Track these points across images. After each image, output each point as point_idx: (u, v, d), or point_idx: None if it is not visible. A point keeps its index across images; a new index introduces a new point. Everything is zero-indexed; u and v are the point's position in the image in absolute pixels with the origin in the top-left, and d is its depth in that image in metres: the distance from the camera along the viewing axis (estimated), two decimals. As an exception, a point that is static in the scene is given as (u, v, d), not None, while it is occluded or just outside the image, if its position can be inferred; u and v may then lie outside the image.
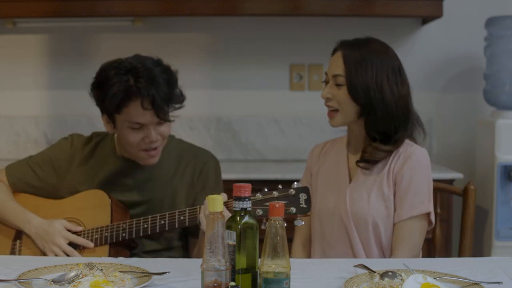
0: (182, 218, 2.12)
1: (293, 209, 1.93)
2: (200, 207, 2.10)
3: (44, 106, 3.90)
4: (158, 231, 2.16)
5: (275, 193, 1.95)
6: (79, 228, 2.22)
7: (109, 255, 2.15)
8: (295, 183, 1.97)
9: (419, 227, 2.11)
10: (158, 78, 2.13)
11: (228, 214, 1.91)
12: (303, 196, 1.94)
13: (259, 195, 1.95)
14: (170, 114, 2.18)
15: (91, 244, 2.18)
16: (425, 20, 3.79)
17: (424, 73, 3.89)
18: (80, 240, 2.18)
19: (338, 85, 2.11)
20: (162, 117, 2.15)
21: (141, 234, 2.17)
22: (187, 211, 2.12)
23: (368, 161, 2.13)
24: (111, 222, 2.20)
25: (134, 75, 2.12)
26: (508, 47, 3.48)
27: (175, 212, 2.14)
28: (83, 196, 2.28)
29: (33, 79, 3.88)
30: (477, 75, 3.81)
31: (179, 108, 2.20)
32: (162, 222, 2.14)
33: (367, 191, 2.13)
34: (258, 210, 1.93)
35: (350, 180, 2.18)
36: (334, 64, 2.14)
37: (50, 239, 2.17)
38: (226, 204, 2.01)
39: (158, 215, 2.16)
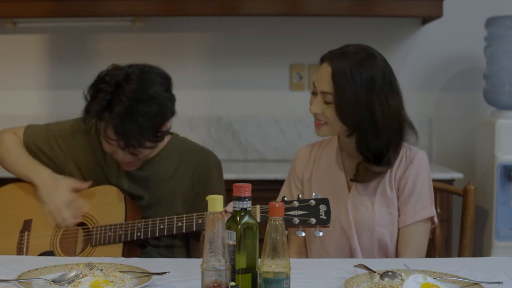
0: (200, 221, 2.09)
1: (313, 220, 1.93)
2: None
3: (44, 106, 3.90)
4: (175, 232, 2.12)
5: (295, 203, 1.95)
6: (86, 185, 2.25)
7: (123, 254, 2.13)
8: (314, 193, 1.97)
9: (423, 230, 2.11)
10: (136, 112, 2.06)
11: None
12: (323, 208, 1.93)
13: None
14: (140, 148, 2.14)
15: (87, 207, 2.22)
16: (425, 20, 3.79)
17: (424, 73, 3.89)
18: (78, 202, 2.22)
19: (327, 102, 2.03)
20: (125, 149, 2.13)
21: (157, 235, 2.14)
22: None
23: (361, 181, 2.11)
24: (125, 220, 2.18)
25: (117, 95, 2.08)
26: (508, 47, 3.48)
27: (193, 215, 2.11)
28: (95, 191, 2.26)
29: (33, 79, 3.88)
30: (477, 75, 3.81)
31: (156, 142, 2.16)
32: (180, 224, 2.11)
33: (370, 199, 2.12)
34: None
35: (349, 187, 2.15)
36: (322, 79, 2.03)
37: (53, 193, 2.22)
38: None
39: (175, 216, 2.13)
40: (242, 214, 1.59)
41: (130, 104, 2.07)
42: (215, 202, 1.53)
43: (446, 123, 3.92)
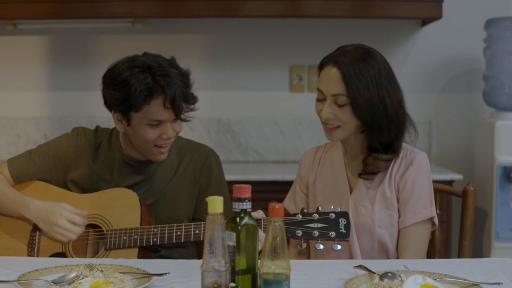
0: None
1: (333, 234, 1.93)
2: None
3: (44, 107, 3.90)
4: (192, 240, 2.11)
5: (316, 216, 1.95)
6: (84, 212, 2.16)
7: (138, 258, 2.11)
8: (332, 206, 1.97)
9: (423, 231, 2.11)
10: (175, 78, 2.14)
11: (262, 235, 1.89)
12: (342, 221, 1.94)
13: (299, 216, 1.95)
14: (186, 114, 2.19)
15: (85, 211, 2.16)
16: (425, 22, 3.79)
17: (423, 74, 3.89)
18: (78, 220, 2.14)
19: (339, 105, 2.04)
20: (179, 116, 2.16)
21: (173, 241, 2.12)
22: None
23: (371, 173, 2.12)
24: (141, 224, 2.16)
25: (151, 74, 2.12)
26: (507, 48, 3.48)
27: None
28: (110, 193, 2.24)
29: (33, 81, 3.89)
30: (477, 76, 3.81)
31: (193, 109, 2.21)
32: (197, 231, 2.10)
33: (370, 201, 2.13)
34: (298, 231, 1.94)
35: (351, 190, 2.17)
36: (331, 83, 2.05)
37: (53, 221, 2.13)
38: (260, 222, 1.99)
39: (193, 223, 2.12)
40: (242, 215, 1.59)
41: (168, 71, 2.15)
42: (215, 203, 1.54)
43: (445, 124, 3.92)
